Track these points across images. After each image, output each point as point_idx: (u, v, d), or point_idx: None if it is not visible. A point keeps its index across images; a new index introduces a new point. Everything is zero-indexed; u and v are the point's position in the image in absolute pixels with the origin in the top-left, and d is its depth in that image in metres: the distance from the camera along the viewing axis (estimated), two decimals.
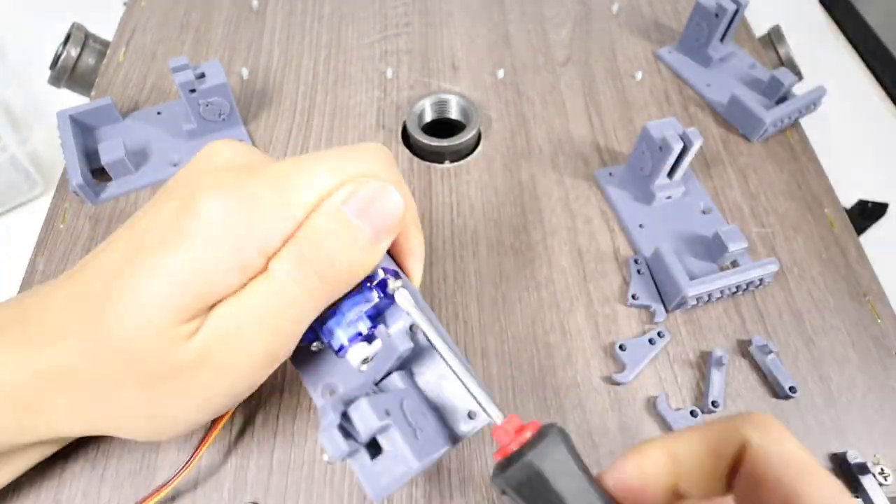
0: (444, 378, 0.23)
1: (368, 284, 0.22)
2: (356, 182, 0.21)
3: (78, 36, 0.45)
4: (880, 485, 0.28)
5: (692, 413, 0.30)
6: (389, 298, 0.22)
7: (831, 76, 0.65)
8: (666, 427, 0.30)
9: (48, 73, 0.45)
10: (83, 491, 0.27)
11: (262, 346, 0.20)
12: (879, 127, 0.64)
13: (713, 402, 0.30)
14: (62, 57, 0.44)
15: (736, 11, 0.43)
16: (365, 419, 0.18)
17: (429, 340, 0.21)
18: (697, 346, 0.33)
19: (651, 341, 0.32)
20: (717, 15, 0.43)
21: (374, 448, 0.19)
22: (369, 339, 0.22)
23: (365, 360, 0.22)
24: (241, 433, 0.29)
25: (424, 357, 0.24)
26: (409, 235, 0.24)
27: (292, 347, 0.21)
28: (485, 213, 0.38)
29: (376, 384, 0.22)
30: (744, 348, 0.33)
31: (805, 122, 0.44)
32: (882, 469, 0.29)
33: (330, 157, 0.21)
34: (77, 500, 0.27)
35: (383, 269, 0.22)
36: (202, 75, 0.38)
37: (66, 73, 0.45)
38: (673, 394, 0.31)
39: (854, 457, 0.29)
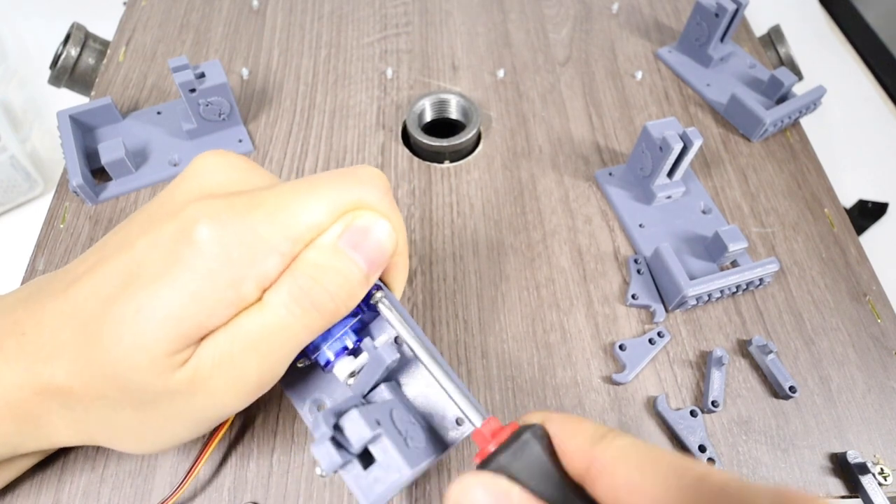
0: (431, 387, 0.23)
1: None
2: (351, 214, 0.21)
3: (78, 36, 0.45)
4: (880, 485, 0.28)
5: (692, 413, 0.30)
6: (373, 311, 0.23)
7: (831, 76, 0.66)
8: (666, 427, 0.30)
9: (48, 73, 0.45)
10: (83, 491, 0.27)
11: (254, 374, 0.20)
12: (879, 127, 0.64)
13: (713, 402, 0.30)
14: (62, 57, 0.44)
15: (736, 11, 0.43)
16: (357, 429, 0.18)
17: (411, 349, 0.22)
18: (697, 346, 0.33)
19: (651, 341, 0.32)
20: (717, 15, 0.43)
21: (365, 459, 0.20)
22: (355, 352, 0.23)
23: (352, 374, 0.22)
24: (241, 433, 0.29)
25: (411, 368, 0.24)
26: (397, 261, 0.24)
27: (283, 372, 0.21)
28: (485, 213, 0.38)
29: (364, 397, 0.22)
30: (744, 348, 0.33)
31: (805, 122, 0.44)
32: (882, 469, 0.29)
33: (325, 187, 0.21)
34: (77, 500, 0.27)
35: None
36: (202, 75, 0.38)
37: (66, 73, 0.45)
38: (673, 394, 0.31)
39: (854, 457, 0.29)
